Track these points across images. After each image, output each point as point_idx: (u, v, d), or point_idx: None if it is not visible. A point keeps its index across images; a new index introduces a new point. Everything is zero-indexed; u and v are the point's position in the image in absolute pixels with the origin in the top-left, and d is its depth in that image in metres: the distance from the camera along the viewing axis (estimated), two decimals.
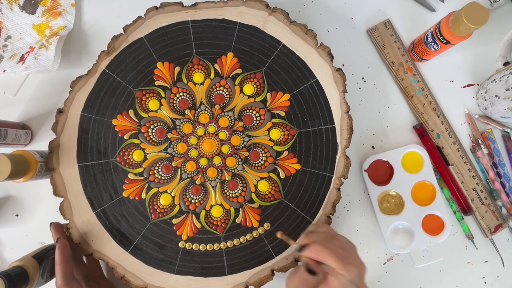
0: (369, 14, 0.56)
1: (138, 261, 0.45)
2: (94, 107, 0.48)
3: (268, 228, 0.46)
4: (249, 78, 0.48)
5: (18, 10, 0.55)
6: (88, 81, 0.48)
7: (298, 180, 0.47)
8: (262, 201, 0.46)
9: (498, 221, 0.52)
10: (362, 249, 0.53)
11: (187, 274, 0.45)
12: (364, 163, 0.52)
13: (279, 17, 0.48)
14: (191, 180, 0.47)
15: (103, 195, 0.46)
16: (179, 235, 0.46)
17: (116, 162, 0.47)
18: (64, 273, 0.41)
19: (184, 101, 0.48)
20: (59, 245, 0.42)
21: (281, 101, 0.48)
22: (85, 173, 0.46)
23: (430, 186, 0.52)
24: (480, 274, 0.53)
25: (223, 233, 0.46)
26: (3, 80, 0.55)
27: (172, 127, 0.47)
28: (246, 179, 0.47)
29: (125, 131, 0.47)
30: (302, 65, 0.48)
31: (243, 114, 0.48)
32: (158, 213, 0.46)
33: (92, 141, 0.47)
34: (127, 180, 0.47)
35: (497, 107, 0.50)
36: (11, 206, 0.53)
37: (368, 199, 0.53)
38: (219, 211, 0.46)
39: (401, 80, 0.54)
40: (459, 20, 0.44)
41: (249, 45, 0.48)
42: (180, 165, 0.47)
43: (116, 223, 0.46)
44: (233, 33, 0.48)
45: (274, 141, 0.47)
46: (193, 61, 0.48)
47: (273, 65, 0.48)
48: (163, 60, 0.48)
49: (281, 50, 0.48)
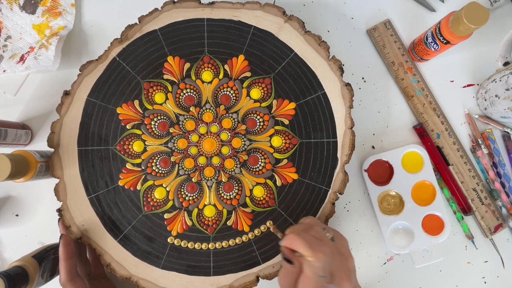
0: (369, 14, 0.56)
1: (126, 251, 0.45)
2: (101, 93, 0.47)
3: (258, 234, 0.46)
4: (257, 82, 0.48)
5: (18, 10, 0.55)
6: (98, 66, 0.47)
7: (294, 190, 0.47)
8: (256, 207, 0.46)
9: (498, 221, 0.52)
10: (362, 249, 0.53)
11: (172, 270, 0.45)
12: (364, 163, 0.52)
13: (295, 25, 0.48)
14: (188, 177, 0.47)
15: (99, 181, 0.46)
16: (169, 230, 0.46)
17: (116, 150, 0.47)
18: (68, 269, 0.41)
19: (190, 97, 0.48)
20: (63, 241, 0.42)
21: (287, 109, 0.47)
22: (84, 157, 0.46)
23: (430, 186, 0.52)
24: (480, 274, 0.53)
25: (213, 233, 0.46)
26: (3, 80, 0.54)
27: (175, 122, 0.47)
28: (242, 183, 0.47)
29: (128, 121, 0.47)
30: (312, 76, 0.48)
31: (247, 117, 0.48)
32: (151, 206, 0.46)
33: (94, 127, 0.47)
34: (125, 170, 0.46)
35: (497, 107, 0.50)
36: (11, 206, 0.53)
37: (368, 199, 0.53)
38: (211, 211, 0.46)
39: (401, 80, 0.54)
40: (459, 20, 0.44)
41: (261, 49, 0.48)
42: (179, 161, 0.47)
43: (108, 211, 0.46)
44: (247, 36, 0.48)
45: (274, 148, 0.47)
46: (204, 59, 0.48)
47: (282, 73, 0.48)
48: (174, 55, 0.48)
49: (293, 58, 0.48)
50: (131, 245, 0.46)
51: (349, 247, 0.41)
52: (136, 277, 0.45)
